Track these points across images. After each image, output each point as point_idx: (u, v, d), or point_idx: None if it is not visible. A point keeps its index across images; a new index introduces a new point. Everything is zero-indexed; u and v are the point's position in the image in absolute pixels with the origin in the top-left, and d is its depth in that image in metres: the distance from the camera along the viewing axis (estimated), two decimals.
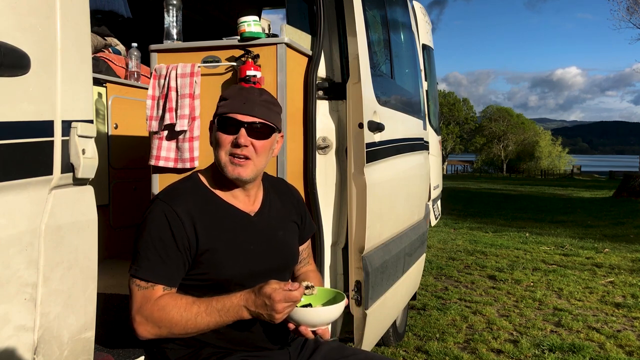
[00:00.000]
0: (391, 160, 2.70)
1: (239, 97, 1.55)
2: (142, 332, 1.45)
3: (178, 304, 1.44)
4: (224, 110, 1.54)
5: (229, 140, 1.52)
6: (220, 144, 1.53)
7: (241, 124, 1.51)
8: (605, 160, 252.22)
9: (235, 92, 1.57)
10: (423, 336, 3.75)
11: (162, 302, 1.44)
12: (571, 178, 42.88)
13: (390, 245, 2.73)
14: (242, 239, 1.57)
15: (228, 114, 1.52)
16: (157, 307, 1.44)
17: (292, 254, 1.72)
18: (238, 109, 1.52)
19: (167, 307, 1.43)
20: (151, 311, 1.44)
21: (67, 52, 1.24)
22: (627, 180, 15.34)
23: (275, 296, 1.38)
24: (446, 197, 8.75)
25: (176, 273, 1.50)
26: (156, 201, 1.54)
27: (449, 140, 58.13)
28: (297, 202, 1.80)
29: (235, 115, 1.52)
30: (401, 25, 3.47)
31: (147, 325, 1.44)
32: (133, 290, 1.47)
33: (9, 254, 1.11)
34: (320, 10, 2.25)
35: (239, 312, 1.43)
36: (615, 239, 8.05)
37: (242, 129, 1.51)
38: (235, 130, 1.52)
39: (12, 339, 1.13)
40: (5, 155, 1.08)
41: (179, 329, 1.44)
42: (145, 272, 1.47)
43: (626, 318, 4.20)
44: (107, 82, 3.18)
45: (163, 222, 1.48)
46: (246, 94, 1.56)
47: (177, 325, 1.43)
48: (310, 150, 2.24)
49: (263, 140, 1.54)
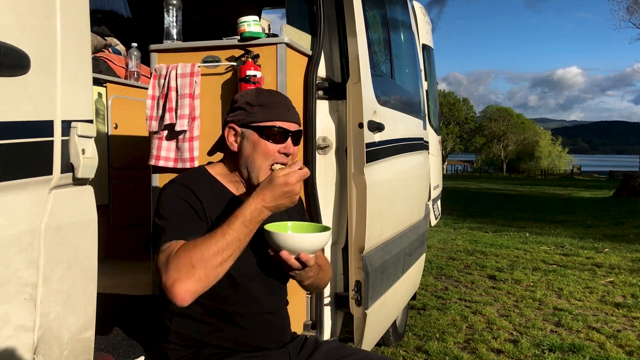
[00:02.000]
0: (391, 160, 2.70)
1: (279, 104, 1.53)
2: (180, 293, 1.28)
3: (199, 239, 1.33)
4: (267, 117, 1.50)
5: (275, 150, 1.49)
6: (266, 153, 1.49)
7: (289, 132, 1.50)
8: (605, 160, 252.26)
9: (271, 99, 1.54)
10: (423, 336, 3.75)
11: (184, 246, 1.34)
12: (571, 178, 42.88)
13: (390, 245, 2.73)
14: None
15: (277, 123, 1.49)
16: (182, 250, 1.32)
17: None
18: (284, 117, 1.50)
19: (189, 245, 1.33)
20: (177, 258, 1.30)
21: (67, 52, 1.24)
22: (627, 180, 15.35)
23: (291, 180, 1.37)
24: (446, 197, 8.75)
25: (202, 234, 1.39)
26: (171, 184, 1.51)
27: (449, 140, 58.13)
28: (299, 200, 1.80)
29: (282, 124, 1.49)
30: (401, 25, 3.47)
31: (182, 278, 1.28)
32: (160, 260, 1.34)
33: (9, 254, 1.11)
34: (320, 10, 2.25)
35: (261, 215, 1.38)
36: (615, 239, 8.05)
37: (290, 138, 1.50)
38: (283, 139, 1.49)
39: (12, 339, 1.13)
40: (5, 155, 1.08)
41: (213, 262, 1.30)
42: (175, 234, 1.38)
43: (626, 318, 4.20)
44: (107, 82, 3.18)
45: (181, 199, 1.45)
46: (283, 100, 1.55)
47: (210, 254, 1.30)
48: (310, 150, 2.24)
49: (297, 147, 1.55)
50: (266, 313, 1.58)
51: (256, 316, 1.56)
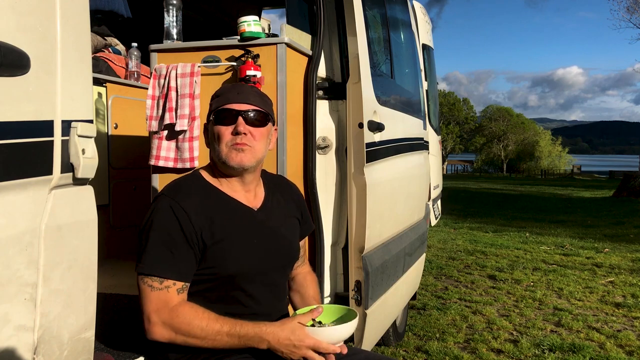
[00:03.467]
0: (391, 160, 2.70)
1: (232, 89, 1.59)
2: (155, 334, 1.44)
3: (200, 316, 1.42)
4: (219, 104, 1.56)
5: (228, 132, 1.53)
6: (220, 136, 1.54)
7: (238, 113, 1.53)
8: (605, 160, 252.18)
9: (227, 87, 1.63)
10: (423, 336, 3.75)
11: (184, 311, 1.42)
12: (571, 178, 42.87)
13: (390, 245, 2.73)
14: (246, 232, 1.57)
15: (224, 106, 1.54)
16: (178, 314, 1.42)
17: (294, 250, 1.72)
18: (233, 99, 1.55)
19: (188, 316, 1.42)
20: (170, 317, 1.42)
21: (66, 52, 1.24)
22: (627, 179, 15.35)
23: (307, 342, 1.41)
24: (446, 197, 8.75)
25: (188, 267, 1.48)
26: (161, 197, 1.53)
27: (449, 140, 58.12)
28: (298, 198, 1.81)
29: (231, 106, 1.54)
30: (401, 25, 3.47)
31: (164, 330, 1.43)
32: (144, 290, 1.45)
33: (9, 254, 1.11)
34: (320, 10, 2.25)
35: (259, 343, 1.43)
36: (615, 239, 8.05)
37: (240, 117, 1.53)
38: (234, 120, 1.53)
39: (12, 339, 1.13)
40: (5, 155, 1.08)
41: (196, 341, 1.43)
42: (156, 268, 1.45)
43: (626, 318, 4.20)
44: (107, 82, 3.18)
45: (170, 216, 1.47)
46: (238, 86, 1.62)
47: (196, 337, 1.42)
48: (310, 150, 2.24)
49: (260, 128, 1.56)
50: (266, 314, 1.59)
51: (256, 317, 1.56)
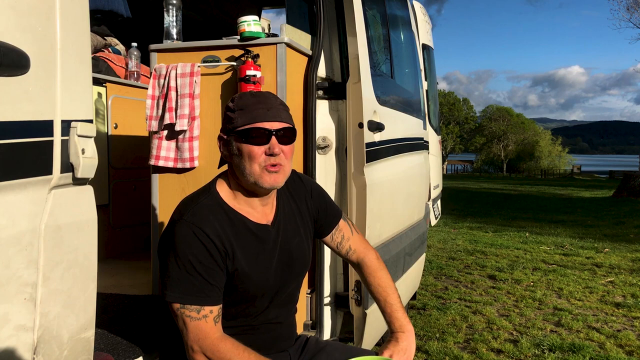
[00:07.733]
0: (391, 160, 2.70)
1: (259, 104, 1.45)
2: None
3: (241, 355, 1.39)
4: (246, 120, 1.44)
5: (261, 151, 1.43)
6: (252, 157, 1.43)
7: (271, 132, 1.44)
8: (605, 160, 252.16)
9: (251, 100, 1.47)
10: (423, 336, 3.75)
11: (225, 347, 1.39)
12: (571, 178, 42.86)
13: (390, 245, 2.73)
14: (263, 254, 1.53)
15: (255, 125, 1.43)
16: (220, 349, 1.39)
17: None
18: (264, 117, 1.44)
19: (229, 354, 1.38)
20: (212, 350, 1.39)
21: (66, 52, 1.24)
22: (627, 179, 15.34)
23: None
24: (446, 196, 8.75)
25: (220, 290, 1.45)
26: (181, 222, 1.43)
27: (449, 140, 58.13)
28: (312, 194, 1.71)
29: (263, 125, 1.43)
30: (401, 25, 3.47)
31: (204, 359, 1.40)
32: (182, 320, 1.41)
33: (9, 254, 1.11)
34: (320, 10, 2.25)
35: None
36: (615, 239, 8.05)
37: (273, 137, 1.43)
38: (266, 140, 1.43)
39: (12, 338, 1.13)
40: (5, 155, 1.08)
41: None
42: (190, 298, 1.40)
43: (626, 318, 4.20)
44: (107, 82, 3.19)
45: (197, 244, 1.41)
46: (264, 100, 1.47)
47: None
48: (310, 150, 2.24)
49: (290, 145, 1.48)
50: (276, 323, 1.59)
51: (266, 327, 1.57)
